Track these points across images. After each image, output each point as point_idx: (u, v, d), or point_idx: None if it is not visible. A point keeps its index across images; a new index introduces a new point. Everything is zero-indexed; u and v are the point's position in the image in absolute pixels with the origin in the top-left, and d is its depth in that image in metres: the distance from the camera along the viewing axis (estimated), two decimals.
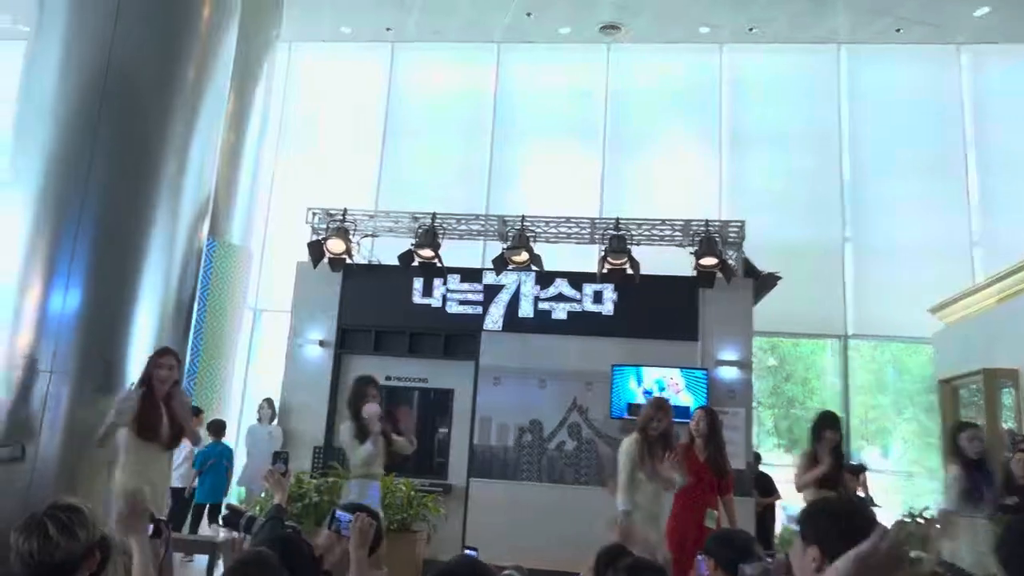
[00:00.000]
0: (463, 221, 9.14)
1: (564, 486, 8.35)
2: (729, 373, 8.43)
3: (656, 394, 8.04)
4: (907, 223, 11.48)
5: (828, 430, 5.51)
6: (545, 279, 8.81)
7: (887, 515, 8.13)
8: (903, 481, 10.52)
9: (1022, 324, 8.27)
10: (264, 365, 11.34)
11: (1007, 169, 11.60)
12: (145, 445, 4.48)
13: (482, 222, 9.25)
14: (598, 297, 8.77)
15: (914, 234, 11.39)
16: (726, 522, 5.45)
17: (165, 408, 4.57)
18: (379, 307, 8.98)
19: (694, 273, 8.41)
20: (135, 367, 5.34)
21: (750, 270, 8.85)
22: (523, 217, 8.86)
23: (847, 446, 10.70)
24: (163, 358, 4.65)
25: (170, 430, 4.59)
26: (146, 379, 4.60)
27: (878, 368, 11.89)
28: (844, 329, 11.39)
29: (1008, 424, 8.61)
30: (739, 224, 8.85)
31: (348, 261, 8.90)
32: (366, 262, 9.48)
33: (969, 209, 11.72)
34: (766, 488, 8.78)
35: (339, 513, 2.97)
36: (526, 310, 8.81)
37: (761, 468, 8.90)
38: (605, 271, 8.50)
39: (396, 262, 8.75)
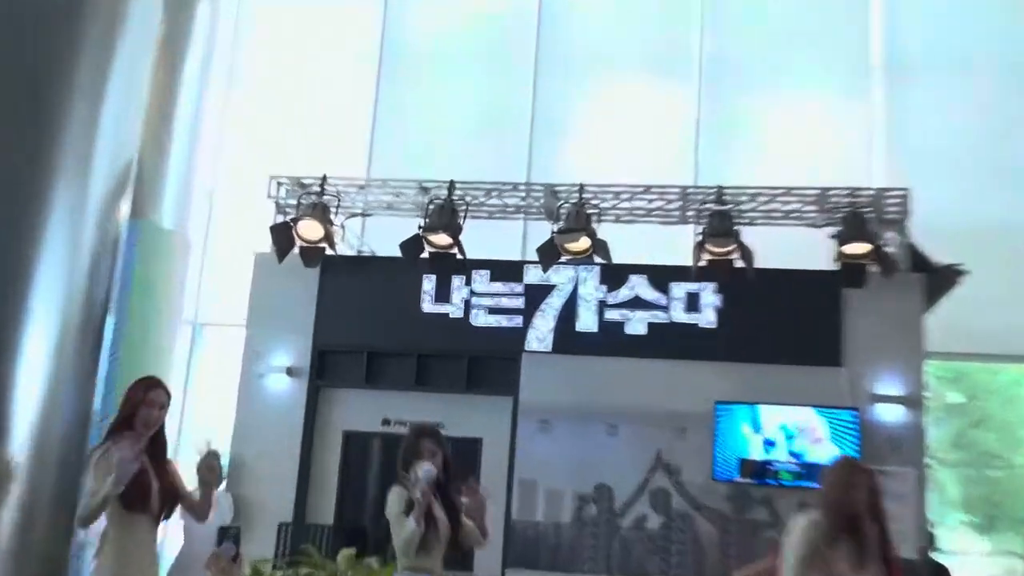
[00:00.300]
0: (493, 193, 9.17)
1: None
2: (891, 414, 8.32)
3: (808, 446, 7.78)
4: None
5: None
6: (615, 276, 8.87)
7: None
8: None
9: None
10: (206, 403, 11.42)
11: None
12: (130, 519, 4.61)
13: (521, 194, 9.29)
14: (693, 302, 8.78)
15: None
16: None
17: (152, 465, 4.71)
18: (374, 318, 9.07)
19: (836, 266, 8.35)
20: (24, 404, 5.21)
21: (919, 261, 8.67)
22: (581, 187, 8.84)
23: None
24: (152, 392, 4.76)
25: (161, 496, 4.71)
26: (125, 422, 4.70)
27: None
28: None
29: None
30: (902, 194, 8.69)
31: (329, 252, 8.91)
32: (354, 253, 9.57)
33: None
34: None
35: None
36: (587, 322, 8.87)
37: (935, 555, 8.61)
38: (703, 264, 8.44)
39: (398, 253, 8.75)
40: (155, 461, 4.74)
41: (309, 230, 8.76)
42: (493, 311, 8.96)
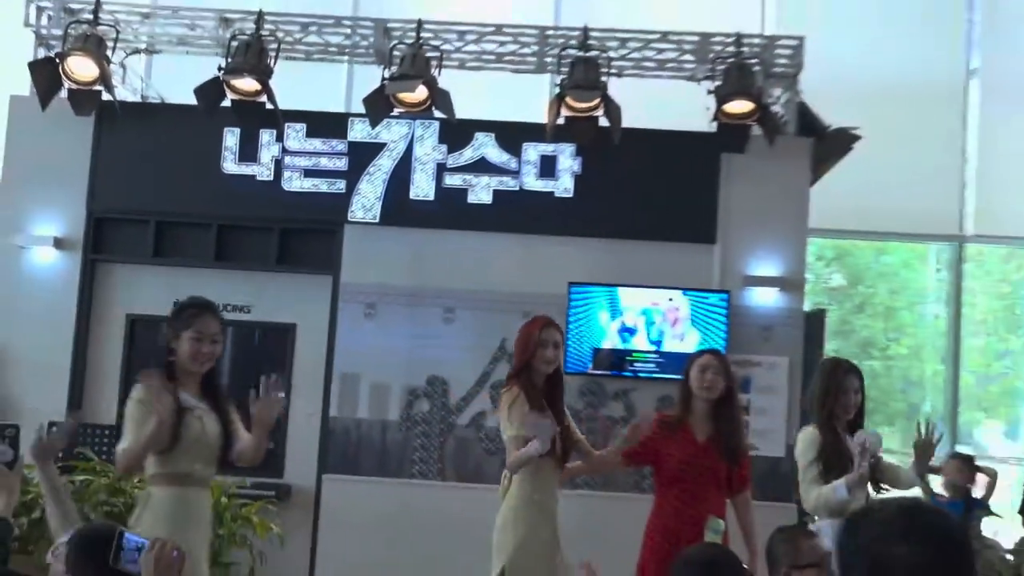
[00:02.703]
0: (312, 28, 9.13)
1: (485, 488, 8.33)
2: (766, 298, 8.64)
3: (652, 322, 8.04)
4: None
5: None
6: (457, 134, 8.86)
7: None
8: None
9: None
10: None
11: None
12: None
13: (346, 31, 9.23)
14: (548, 167, 8.85)
15: None
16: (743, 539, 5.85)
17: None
18: (163, 179, 8.95)
19: (713, 127, 8.50)
20: None
21: (809, 124, 8.91)
22: (419, 24, 8.77)
23: (954, 416, 10.98)
24: (205, 319, 4.81)
25: (222, 435, 4.88)
26: (164, 350, 4.88)
27: (1012, 291, 12.14)
28: (959, 227, 11.55)
29: None
30: (793, 44, 8.90)
31: (106, 96, 8.66)
32: (138, 99, 9.38)
33: None
34: None
35: (128, 536, 3.23)
36: (422, 188, 8.90)
37: None
38: (562, 121, 8.47)
39: (192, 100, 8.61)
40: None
41: (80, 68, 8.49)
42: (310, 173, 8.91)
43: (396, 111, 8.60)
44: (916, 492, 6.89)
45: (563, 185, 8.80)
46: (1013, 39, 11.76)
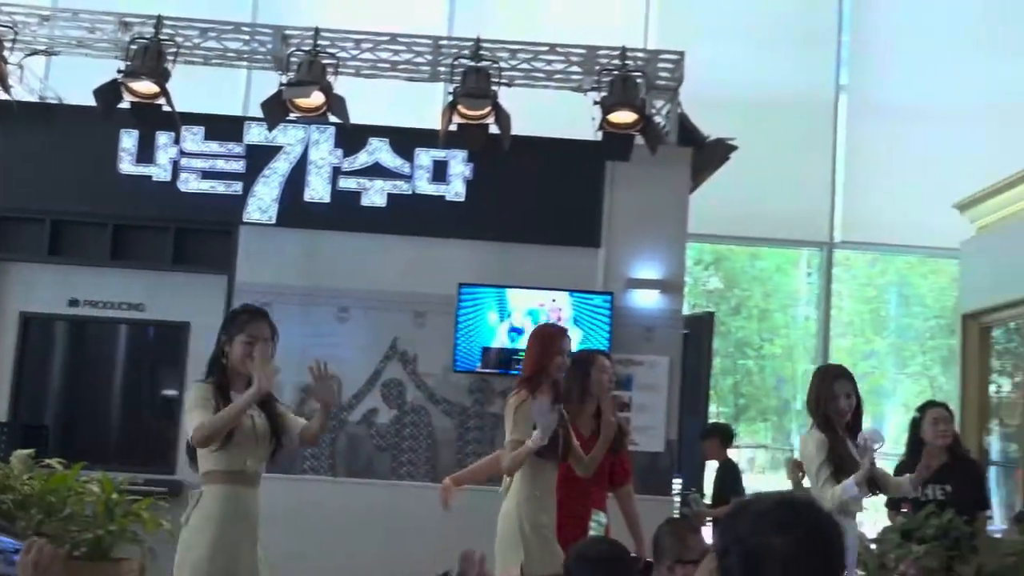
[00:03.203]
0: (211, 34, 9.00)
1: (375, 483, 8.54)
2: (647, 300, 8.81)
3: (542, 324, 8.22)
4: (938, 65, 11.99)
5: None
6: (352, 139, 8.89)
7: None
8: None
9: None
10: None
11: None
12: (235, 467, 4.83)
13: (245, 36, 9.14)
14: (440, 172, 8.92)
15: (947, 83, 11.94)
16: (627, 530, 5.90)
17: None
18: (59, 179, 8.81)
19: (598, 136, 8.52)
20: None
21: (688, 134, 9.11)
22: (316, 32, 8.73)
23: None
24: (257, 324, 4.94)
25: (270, 431, 4.94)
26: (218, 358, 4.92)
27: (877, 295, 12.59)
28: (829, 233, 11.93)
29: None
30: (675, 58, 9.05)
31: (3, 96, 8.52)
32: (35, 99, 9.23)
33: None
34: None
35: (1, 539, 3.10)
36: (318, 191, 8.90)
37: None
38: (454, 128, 8.53)
39: (90, 101, 8.42)
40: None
41: None
42: (207, 175, 8.82)
43: (293, 116, 8.49)
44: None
45: (454, 189, 8.86)
46: (878, 58, 12.20)
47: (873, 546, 6.87)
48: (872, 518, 8.70)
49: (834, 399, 5.65)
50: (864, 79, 12.20)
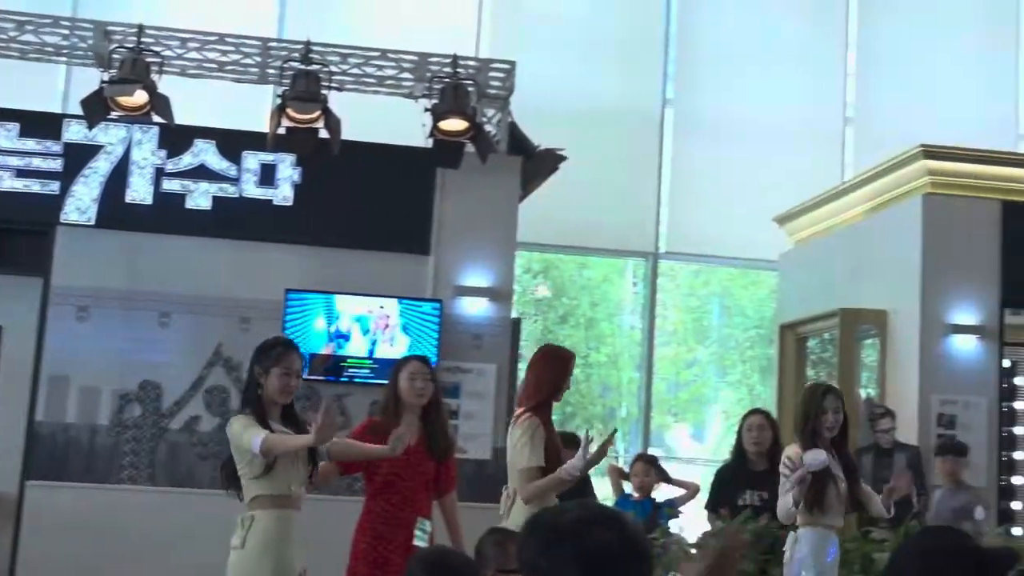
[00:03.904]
0: (28, 27, 8.79)
1: (197, 493, 8.36)
2: (476, 308, 8.87)
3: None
4: (759, 83, 12.40)
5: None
6: (177, 140, 8.75)
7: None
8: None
9: (898, 244, 9.30)
10: None
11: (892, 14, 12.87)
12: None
13: (64, 31, 8.94)
14: (268, 176, 8.84)
15: (768, 100, 12.34)
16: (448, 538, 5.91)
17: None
18: None
19: (429, 143, 8.55)
20: None
21: (518, 143, 9.21)
22: (140, 28, 8.57)
23: (647, 420, 11.57)
24: (291, 356, 5.25)
25: (307, 453, 5.24)
26: (255, 390, 5.24)
27: (700, 305, 12.92)
28: (654, 244, 12.19)
29: (868, 391, 9.74)
30: (506, 68, 9.13)
31: None
32: None
33: (846, 70, 12.86)
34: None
35: None
36: (140, 192, 8.74)
37: None
38: (282, 131, 8.40)
39: None
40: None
41: None
42: (22, 173, 8.57)
43: (114, 114, 8.30)
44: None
45: (282, 193, 8.79)
46: (703, 74, 12.58)
47: (693, 550, 7.01)
48: (694, 523, 8.89)
49: (824, 413, 5.81)
50: (689, 94, 12.55)
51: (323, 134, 8.38)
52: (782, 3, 12.82)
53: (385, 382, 6.24)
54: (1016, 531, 8.63)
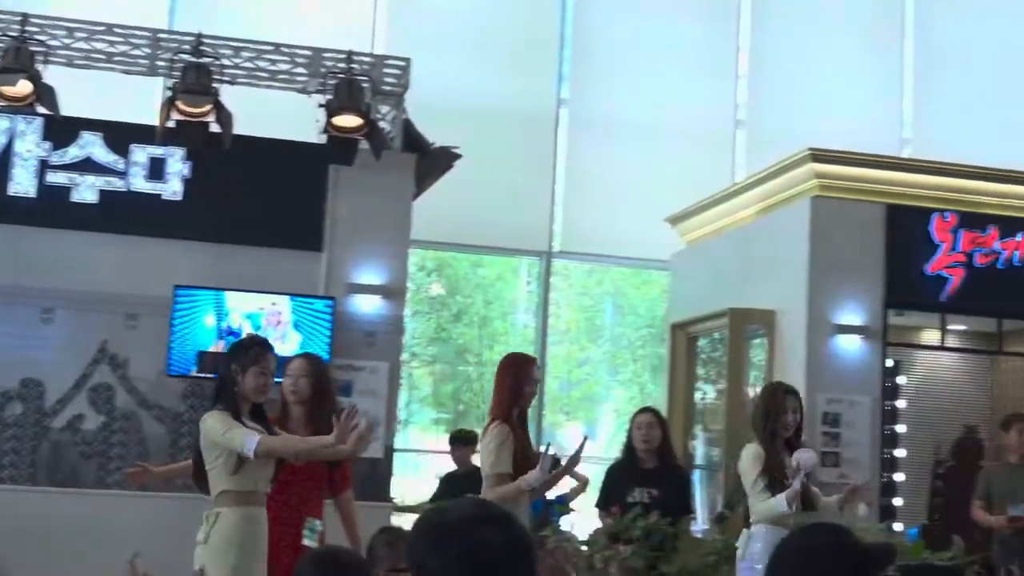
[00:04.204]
0: None
1: (81, 492, 8.28)
2: (369, 305, 8.86)
3: (250, 332, 8.08)
4: (652, 84, 12.56)
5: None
6: (63, 132, 8.60)
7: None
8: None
9: (786, 245, 9.50)
10: None
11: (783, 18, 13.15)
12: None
13: None
14: (157, 169, 8.74)
15: (660, 101, 12.51)
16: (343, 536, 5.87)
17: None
18: None
19: (322, 139, 8.55)
20: None
21: (413, 140, 9.20)
22: (24, 17, 8.43)
23: (539, 419, 11.63)
24: (268, 357, 5.38)
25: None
26: (230, 387, 5.31)
27: (593, 304, 13.04)
28: (548, 243, 12.28)
29: (757, 390, 9.91)
30: (401, 64, 9.14)
31: None
32: None
33: (737, 73, 13.10)
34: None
35: None
36: (23, 185, 8.60)
37: None
38: (172, 125, 8.35)
39: None
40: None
41: None
42: None
43: None
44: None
45: (172, 188, 8.69)
46: (597, 74, 12.70)
47: (584, 547, 7.11)
48: (585, 520, 8.98)
49: (784, 413, 5.98)
50: (584, 94, 12.66)
51: (214, 128, 8.33)
52: (676, 5, 12.99)
53: (277, 380, 6.22)
54: (897, 527, 8.88)
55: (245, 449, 5.03)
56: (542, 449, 5.64)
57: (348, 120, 8.49)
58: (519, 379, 5.77)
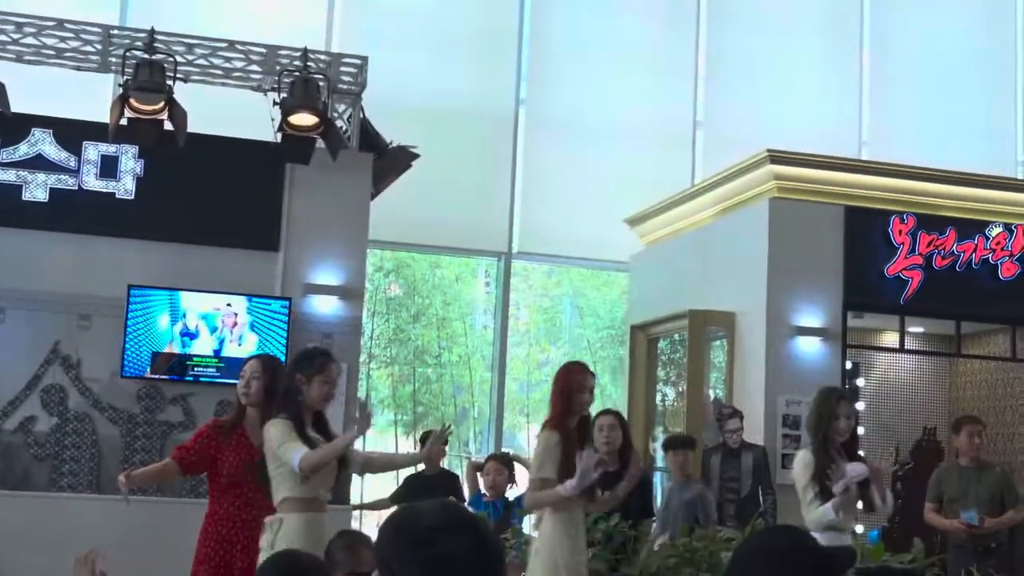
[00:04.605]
0: None
1: (33, 495, 8.22)
2: (327, 306, 8.85)
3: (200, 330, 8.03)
4: (611, 85, 12.61)
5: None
6: (13, 128, 8.56)
7: None
8: None
9: (745, 247, 9.56)
10: None
11: (741, 19, 13.25)
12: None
13: None
14: (110, 168, 8.70)
15: (619, 102, 12.56)
16: None
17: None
18: None
19: (278, 137, 8.57)
20: None
21: (370, 140, 9.21)
22: None
23: (499, 420, 11.64)
24: (332, 366, 5.55)
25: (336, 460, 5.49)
26: (295, 396, 5.41)
27: (552, 305, 13.06)
28: (507, 244, 12.29)
29: (717, 391, 9.98)
30: (358, 63, 9.14)
31: None
32: None
33: (696, 74, 13.18)
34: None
35: None
36: None
37: None
38: (125, 122, 8.29)
39: None
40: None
41: None
42: None
43: None
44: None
45: (124, 186, 8.64)
46: (556, 75, 12.75)
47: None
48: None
49: (836, 419, 6.01)
50: (542, 95, 12.70)
51: (168, 126, 8.28)
52: (636, 5, 13.05)
53: (234, 382, 6.21)
54: (857, 529, 8.93)
55: (292, 464, 5.14)
56: (583, 455, 5.63)
57: (304, 119, 8.45)
58: (571, 387, 5.80)
